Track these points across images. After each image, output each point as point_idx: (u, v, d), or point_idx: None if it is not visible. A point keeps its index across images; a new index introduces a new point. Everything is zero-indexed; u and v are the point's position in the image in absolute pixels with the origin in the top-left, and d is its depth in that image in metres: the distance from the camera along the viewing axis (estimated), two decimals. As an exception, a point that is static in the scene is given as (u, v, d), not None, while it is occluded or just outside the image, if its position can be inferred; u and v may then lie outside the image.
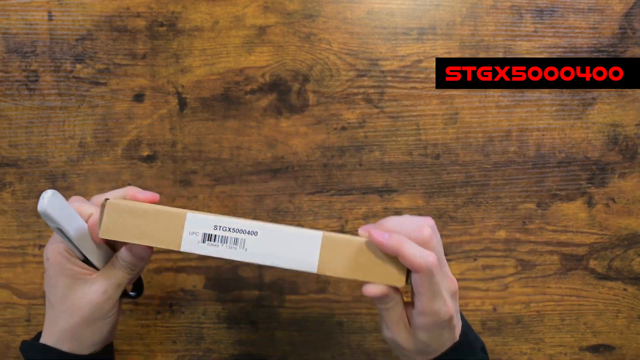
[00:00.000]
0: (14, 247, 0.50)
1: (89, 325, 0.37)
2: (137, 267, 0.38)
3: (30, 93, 0.50)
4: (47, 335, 0.37)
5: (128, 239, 0.34)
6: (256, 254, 0.34)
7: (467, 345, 0.36)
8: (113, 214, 0.34)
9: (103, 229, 0.34)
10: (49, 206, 0.32)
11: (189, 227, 0.34)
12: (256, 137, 0.51)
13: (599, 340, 0.52)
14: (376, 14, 0.51)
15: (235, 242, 0.34)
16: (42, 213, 0.32)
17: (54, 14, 0.50)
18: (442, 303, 0.32)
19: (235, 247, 0.34)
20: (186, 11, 0.50)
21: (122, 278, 0.37)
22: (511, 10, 0.51)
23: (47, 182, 0.50)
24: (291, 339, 0.51)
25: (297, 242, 0.34)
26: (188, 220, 0.34)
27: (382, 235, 0.32)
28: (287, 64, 0.50)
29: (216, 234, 0.34)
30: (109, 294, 0.37)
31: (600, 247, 0.51)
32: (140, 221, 0.34)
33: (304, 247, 0.34)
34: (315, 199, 0.51)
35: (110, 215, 0.34)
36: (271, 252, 0.34)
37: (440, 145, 0.51)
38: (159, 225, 0.34)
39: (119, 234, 0.34)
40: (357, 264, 0.33)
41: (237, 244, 0.34)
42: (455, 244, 0.51)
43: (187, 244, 0.34)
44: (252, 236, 0.34)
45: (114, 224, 0.34)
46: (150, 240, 0.34)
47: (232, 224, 0.34)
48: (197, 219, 0.34)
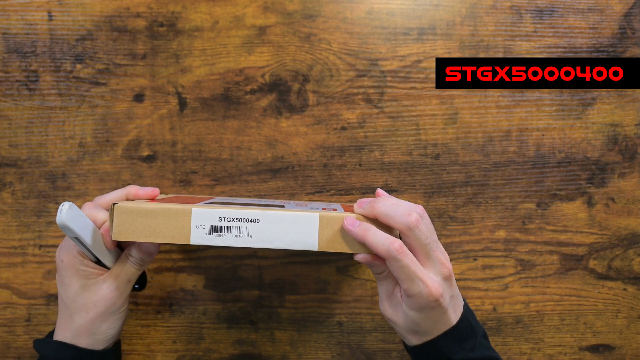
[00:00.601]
0: (14, 247, 0.50)
1: (104, 320, 0.39)
2: (146, 262, 0.41)
3: (30, 93, 0.50)
4: (61, 333, 0.39)
5: (140, 238, 0.36)
6: (261, 240, 0.36)
7: (467, 328, 0.37)
8: (122, 217, 0.36)
9: (115, 232, 0.36)
10: (67, 219, 0.34)
11: (196, 221, 0.36)
12: (256, 137, 0.51)
13: (599, 340, 0.52)
14: (376, 14, 0.51)
15: (240, 231, 0.36)
16: (60, 225, 0.34)
17: (54, 14, 0.50)
18: (422, 285, 0.34)
19: (240, 235, 0.36)
20: (186, 11, 0.50)
21: (132, 274, 0.40)
22: (511, 11, 0.51)
23: (47, 182, 0.50)
24: (291, 339, 0.51)
25: (296, 224, 0.36)
26: (194, 215, 0.36)
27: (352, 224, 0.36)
28: (287, 64, 0.51)
29: (222, 225, 0.36)
30: (121, 289, 0.40)
31: (600, 247, 0.51)
32: (149, 221, 0.36)
33: (303, 228, 0.36)
34: (315, 199, 0.51)
35: (120, 218, 0.36)
36: (274, 237, 0.36)
37: (440, 145, 0.51)
38: (168, 223, 0.36)
39: (130, 235, 0.36)
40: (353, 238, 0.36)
41: (242, 232, 0.36)
42: (455, 244, 0.51)
43: (195, 237, 0.36)
44: (255, 224, 0.36)
45: (124, 226, 0.36)
46: (161, 238, 0.36)
47: (236, 215, 0.36)
48: (202, 213, 0.36)
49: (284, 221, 0.36)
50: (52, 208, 0.50)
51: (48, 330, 0.50)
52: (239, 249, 0.51)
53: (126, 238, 0.36)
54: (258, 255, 0.51)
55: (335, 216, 0.36)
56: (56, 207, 0.50)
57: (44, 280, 0.50)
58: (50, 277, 0.50)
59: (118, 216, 0.36)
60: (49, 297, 0.50)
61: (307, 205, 0.42)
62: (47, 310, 0.50)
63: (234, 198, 0.49)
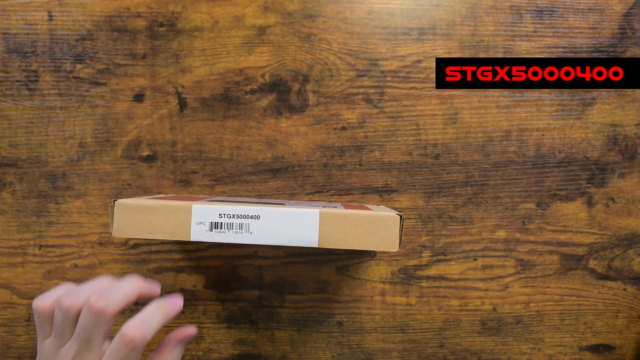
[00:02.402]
0: (14, 247, 0.50)
1: None
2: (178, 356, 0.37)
3: (30, 93, 0.50)
4: None
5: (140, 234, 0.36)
6: (261, 236, 0.36)
7: None
8: (123, 213, 0.36)
9: (115, 228, 0.36)
10: None
11: (196, 218, 0.36)
12: (256, 137, 0.51)
13: (599, 340, 0.52)
14: (376, 14, 0.51)
15: (240, 227, 0.36)
16: None
17: (54, 14, 0.50)
18: None
19: (241, 232, 0.36)
20: (186, 11, 0.50)
21: None
22: (511, 11, 0.51)
23: (47, 182, 0.50)
24: (291, 339, 0.51)
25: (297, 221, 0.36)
26: (194, 211, 0.36)
27: None
28: (287, 64, 0.51)
29: (222, 222, 0.36)
30: None
31: (600, 247, 0.51)
32: (150, 217, 0.36)
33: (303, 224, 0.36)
34: (315, 199, 0.51)
35: (120, 214, 0.36)
36: (274, 233, 0.36)
37: (440, 145, 0.51)
38: (168, 219, 0.36)
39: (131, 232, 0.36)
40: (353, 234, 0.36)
41: (242, 229, 0.36)
42: (455, 244, 0.51)
43: (196, 233, 0.36)
44: (255, 220, 0.36)
45: (124, 222, 0.36)
46: (161, 234, 0.36)
47: (236, 211, 0.36)
48: (202, 210, 0.36)
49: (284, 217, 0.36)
50: (52, 208, 0.50)
51: (48, 330, 0.50)
52: (239, 249, 0.51)
53: (127, 234, 0.36)
54: (258, 255, 0.51)
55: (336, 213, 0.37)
56: (56, 207, 0.50)
57: (44, 280, 0.50)
58: (50, 277, 0.50)
59: (119, 212, 0.36)
60: (49, 297, 0.50)
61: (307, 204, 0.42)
62: (47, 310, 0.51)
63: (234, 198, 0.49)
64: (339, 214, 0.36)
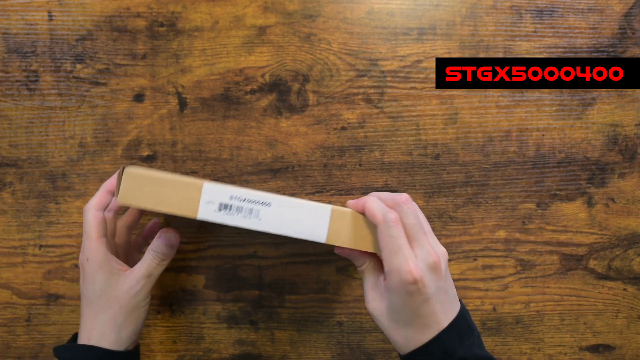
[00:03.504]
0: (14, 247, 0.50)
1: (127, 314, 0.40)
2: (167, 256, 0.41)
3: (30, 93, 0.50)
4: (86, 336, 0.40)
5: (146, 205, 0.35)
6: (269, 224, 0.35)
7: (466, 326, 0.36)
8: (131, 181, 0.35)
9: (121, 194, 0.35)
10: None
11: (206, 197, 0.35)
12: (256, 137, 0.51)
13: (599, 340, 0.52)
14: (376, 14, 0.51)
15: (249, 212, 0.35)
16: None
17: (54, 14, 0.50)
18: (403, 260, 0.34)
19: (249, 217, 0.35)
20: (186, 11, 0.50)
21: (153, 269, 0.41)
22: (511, 11, 0.51)
23: (47, 182, 0.50)
24: (291, 339, 0.51)
25: (307, 213, 0.36)
26: (205, 189, 0.35)
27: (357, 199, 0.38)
28: (287, 64, 0.51)
29: (232, 204, 0.35)
30: (142, 283, 0.40)
31: (600, 247, 0.51)
32: (158, 189, 0.35)
33: (314, 218, 0.36)
34: (315, 199, 0.51)
35: (128, 182, 0.35)
36: (283, 223, 0.35)
37: (440, 145, 0.51)
38: (176, 194, 0.35)
39: (136, 201, 0.35)
40: (362, 235, 0.36)
41: (251, 214, 0.35)
42: (455, 244, 0.51)
43: (203, 212, 0.35)
44: (265, 207, 0.35)
45: (131, 190, 0.35)
46: (168, 208, 0.35)
47: (247, 195, 0.35)
48: (213, 189, 0.35)
49: (295, 208, 0.35)
50: (52, 208, 0.50)
51: (48, 330, 0.50)
52: (239, 249, 0.51)
53: (131, 203, 0.35)
54: (258, 255, 0.51)
55: (347, 211, 0.36)
56: (56, 207, 0.50)
57: (44, 280, 0.50)
58: (50, 277, 0.50)
59: (127, 180, 0.35)
60: (49, 297, 0.50)
61: None
62: (47, 310, 0.51)
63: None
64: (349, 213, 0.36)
